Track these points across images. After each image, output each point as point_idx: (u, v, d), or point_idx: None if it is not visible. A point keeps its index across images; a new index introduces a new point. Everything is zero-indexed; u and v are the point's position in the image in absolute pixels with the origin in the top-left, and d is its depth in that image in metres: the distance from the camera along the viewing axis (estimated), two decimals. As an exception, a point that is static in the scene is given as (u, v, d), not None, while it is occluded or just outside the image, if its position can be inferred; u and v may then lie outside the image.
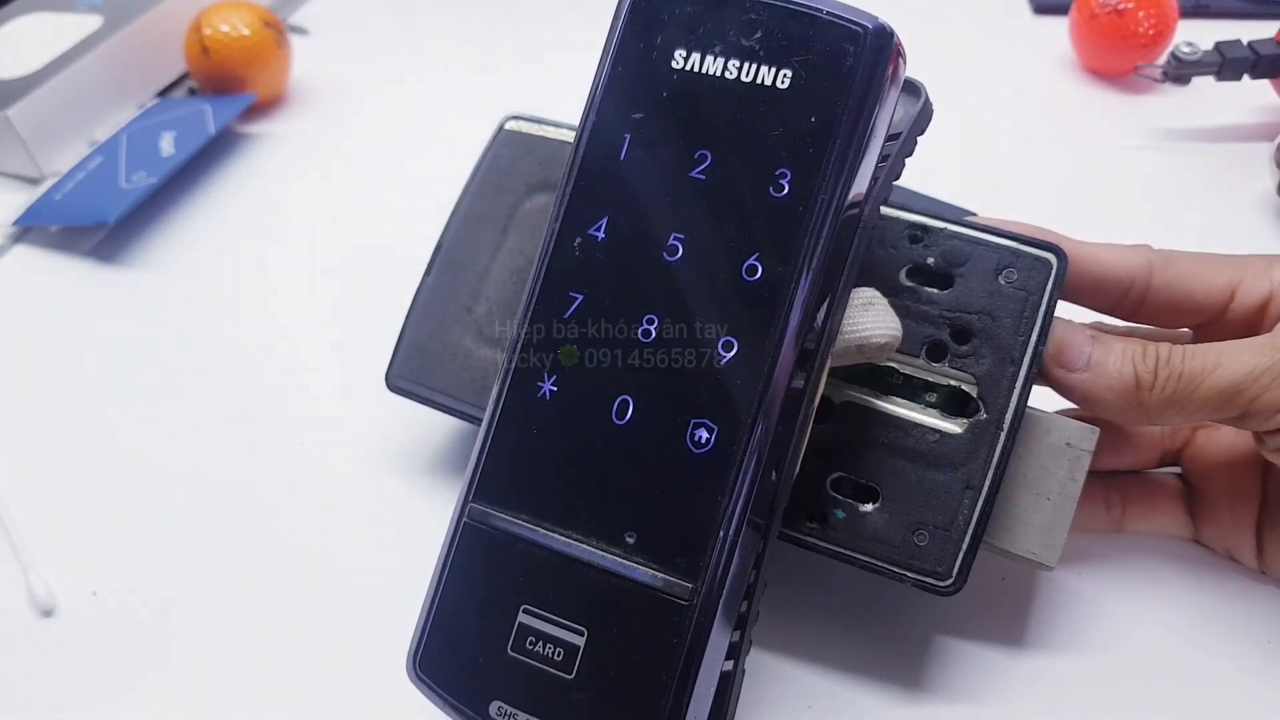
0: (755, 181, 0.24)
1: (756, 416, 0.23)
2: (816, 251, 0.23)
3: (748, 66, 0.24)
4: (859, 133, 0.23)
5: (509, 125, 0.34)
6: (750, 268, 0.23)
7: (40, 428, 0.38)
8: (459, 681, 0.24)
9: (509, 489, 0.25)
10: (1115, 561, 0.32)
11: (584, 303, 0.25)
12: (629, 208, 0.24)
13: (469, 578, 0.25)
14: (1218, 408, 0.26)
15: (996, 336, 0.28)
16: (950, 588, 0.27)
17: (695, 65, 0.24)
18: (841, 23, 0.23)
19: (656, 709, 0.23)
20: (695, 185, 0.24)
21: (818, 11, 0.23)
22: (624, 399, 0.24)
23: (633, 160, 0.25)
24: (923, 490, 0.27)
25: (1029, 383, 0.27)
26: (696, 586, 0.23)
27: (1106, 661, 0.30)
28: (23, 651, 0.31)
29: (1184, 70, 0.48)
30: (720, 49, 0.24)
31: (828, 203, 0.23)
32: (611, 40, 0.25)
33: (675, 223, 0.24)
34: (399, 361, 0.33)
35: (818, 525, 0.28)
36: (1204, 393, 0.26)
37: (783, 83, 0.23)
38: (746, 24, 0.24)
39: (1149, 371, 0.26)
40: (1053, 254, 0.28)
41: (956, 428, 0.28)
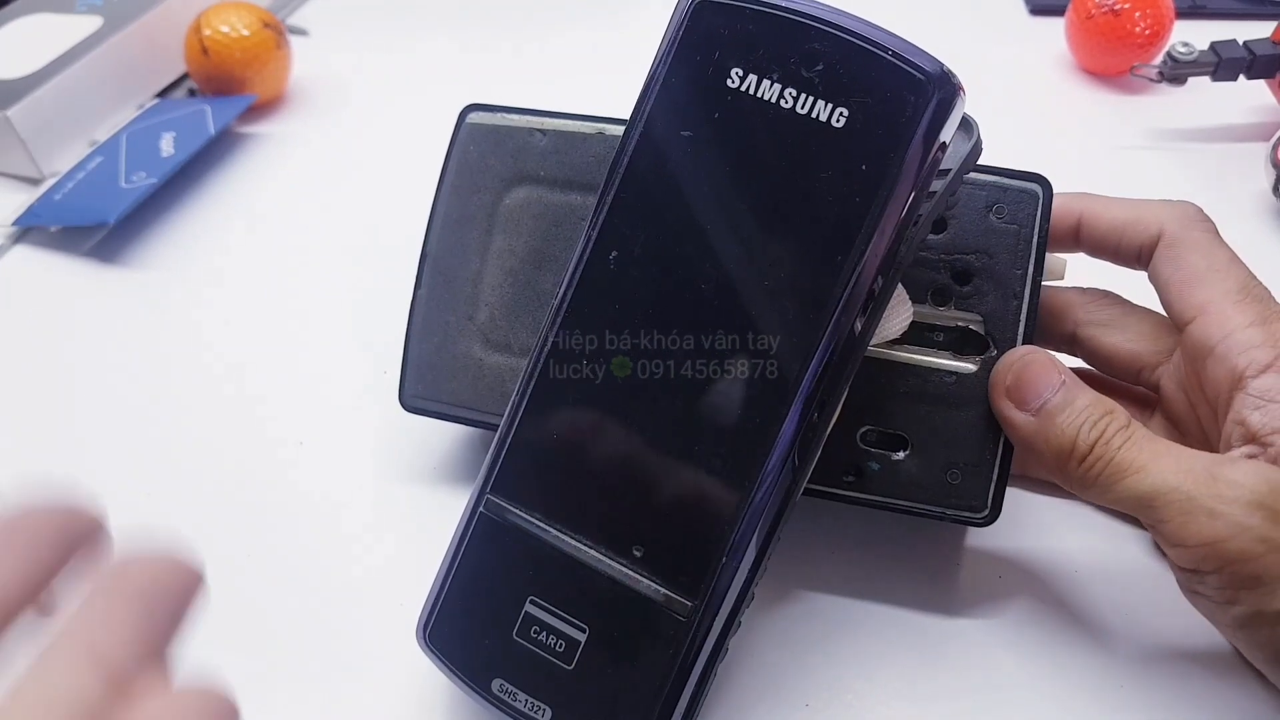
0: (798, 220, 0.23)
1: (772, 450, 0.23)
2: (850, 298, 0.23)
3: (804, 99, 0.23)
4: (908, 185, 0.22)
5: (471, 118, 0.33)
6: (783, 308, 0.23)
7: (40, 427, 0.38)
8: (466, 656, 0.26)
9: (525, 487, 0.26)
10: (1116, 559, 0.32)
11: (615, 317, 0.25)
12: (669, 227, 0.24)
13: (481, 564, 0.26)
14: (1133, 509, 0.26)
15: (996, 273, 0.29)
16: (986, 518, 0.28)
17: (751, 88, 0.23)
18: (905, 68, 0.22)
19: (647, 712, 0.24)
20: (737, 214, 0.23)
21: (883, 52, 0.22)
22: (646, 416, 0.24)
23: (677, 180, 0.24)
24: (948, 431, 0.29)
25: (1033, 314, 0.28)
26: (696, 605, 0.24)
27: (1108, 661, 0.30)
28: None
29: (1180, 70, 0.48)
30: (779, 75, 0.23)
31: (865, 249, 0.23)
32: (667, 47, 0.24)
33: (713, 249, 0.24)
34: (410, 380, 0.33)
35: (855, 479, 0.29)
36: (1119, 491, 0.25)
37: (839, 121, 0.23)
38: (809, 54, 0.23)
39: (1087, 445, 0.26)
40: (1037, 184, 0.29)
41: (971, 366, 0.29)
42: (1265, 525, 0.24)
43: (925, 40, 0.23)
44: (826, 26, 0.23)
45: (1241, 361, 0.26)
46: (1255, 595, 0.24)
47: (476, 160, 0.33)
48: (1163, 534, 0.25)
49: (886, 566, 0.32)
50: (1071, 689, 0.29)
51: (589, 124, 0.32)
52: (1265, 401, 0.26)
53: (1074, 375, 0.27)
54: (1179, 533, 0.24)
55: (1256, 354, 0.26)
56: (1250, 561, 0.24)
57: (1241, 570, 0.24)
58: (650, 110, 0.24)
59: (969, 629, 0.30)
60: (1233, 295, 0.27)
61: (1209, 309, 0.27)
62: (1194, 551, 0.24)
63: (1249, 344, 0.26)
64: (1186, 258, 0.28)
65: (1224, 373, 0.27)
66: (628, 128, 0.25)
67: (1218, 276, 0.28)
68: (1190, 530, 0.24)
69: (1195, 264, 0.28)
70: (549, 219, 0.32)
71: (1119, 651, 0.30)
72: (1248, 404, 0.26)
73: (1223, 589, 0.25)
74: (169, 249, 0.46)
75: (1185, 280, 0.28)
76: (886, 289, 0.24)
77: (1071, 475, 0.26)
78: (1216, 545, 0.24)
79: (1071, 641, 0.30)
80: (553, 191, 0.32)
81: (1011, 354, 0.28)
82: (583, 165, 0.32)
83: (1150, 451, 0.25)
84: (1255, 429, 0.26)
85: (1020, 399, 0.27)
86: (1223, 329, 0.27)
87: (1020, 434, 0.27)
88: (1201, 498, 0.24)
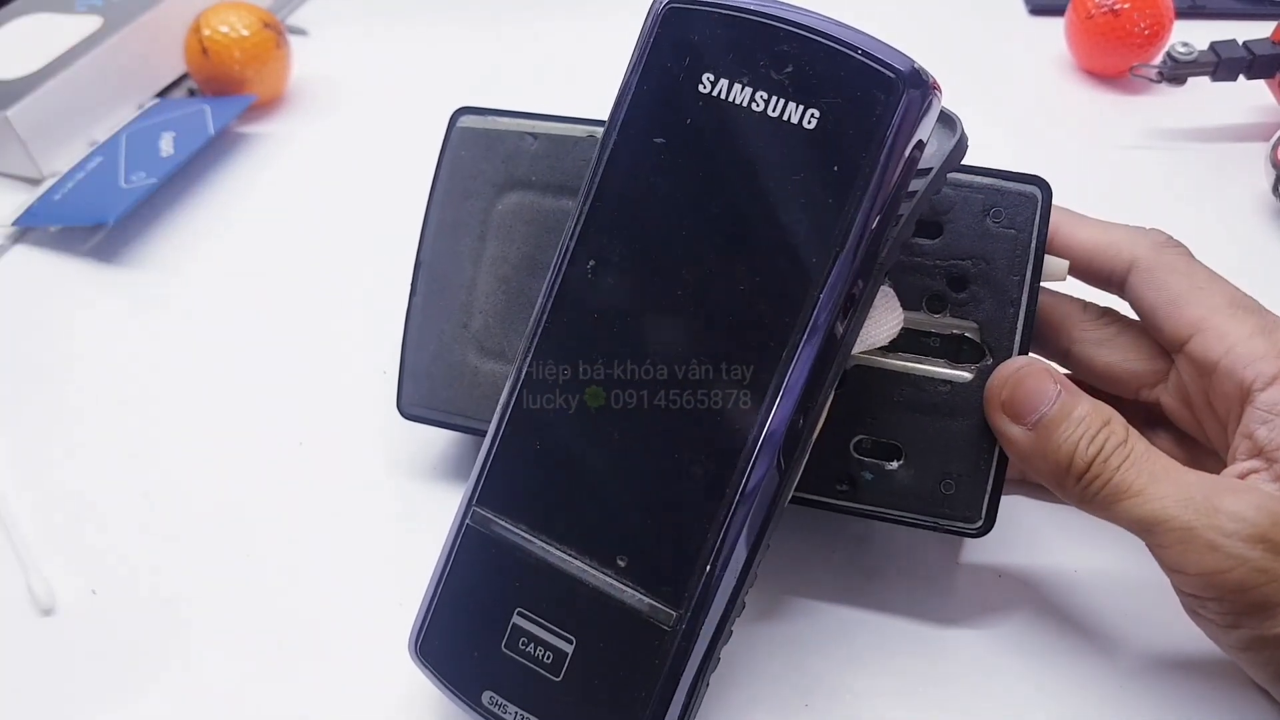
0: (774, 223, 0.23)
1: (754, 457, 0.23)
2: (826, 303, 0.22)
3: (775, 101, 0.23)
4: (883, 185, 0.22)
5: (462, 122, 0.33)
6: (761, 313, 0.23)
7: (40, 427, 0.38)
8: (456, 669, 0.26)
9: (510, 498, 0.26)
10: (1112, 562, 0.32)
11: (594, 328, 0.25)
12: (645, 235, 0.24)
13: (469, 576, 0.26)
14: (1131, 530, 0.26)
15: (992, 279, 0.28)
16: (980, 529, 0.28)
17: (723, 92, 0.23)
18: (874, 66, 0.22)
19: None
20: (713, 219, 0.23)
21: (852, 51, 0.22)
22: (626, 424, 0.24)
23: (651, 188, 0.24)
24: (943, 441, 0.28)
25: (1030, 322, 0.28)
26: (681, 614, 0.23)
27: (1107, 664, 0.30)
28: (23, 651, 0.31)
29: (1180, 70, 0.48)
30: (749, 79, 0.23)
31: (841, 251, 0.22)
32: (639, 54, 0.24)
33: (690, 255, 0.24)
34: (407, 389, 0.33)
35: (849, 488, 0.29)
36: (1117, 512, 0.25)
37: (810, 123, 0.22)
38: (778, 56, 0.23)
39: (1084, 462, 0.26)
40: (1036, 186, 0.28)
41: (966, 374, 0.28)
42: (1266, 558, 0.24)
43: (925, 41, 0.23)
44: (795, 28, 0.22)
45: (1249, 374, 0.26)
46: (1255, 620, 0.24)
47: (468, 165, 0.33)
48: (1162, 559, 0.25)
49: (885, 572, 0.32)
50: (1071, 693, 0.29)
51: (580, 127, 0.32)
52: (1273, 415, 0.26)
53: (1070, 383, 0.27)
54: (1178, 560, 0.24)
55: (1262, 366, 0.26)
56: (1250, 591, 0.24)
57: (1242, 599, 0.24)
58: (624, 119, 0.24)
59: (968, 631, 0.30)
60: (1224, 309, 0.27)
61: (1204, 326, 0.27)
62: (1194, 579, 0.24)
63: (1253, 356, 0.26)
64: (1166, 280, 0.28)
65: (1231, 387, 0.26)
66: (603, 137, 0.24)
67: (1203, 294, 0.27)
68: (1189, 559, 0.24)
69: (1177, 285, 0.28)
70: (541, 224, 0.32)
71: (1119, 655, 0.30)
72: (1255, 418, 0.26)
73: (1224, 614, 0.25)
74: (168, 249, 0.46)
75: (1171, 301, 0.28)
76: (868, 292, 0.24)
77: (1069, 492, 0.26)
78: (1216, 576, 0.24)
79: (1071, 645, 0.30)
80: (544, 197, 0.32)
81: (1006, 366, 0.28)
82: (574, 170, 0.32)
83: (1149, 473, 0.25)
84: (1262, 444, 0.26)
85: (1016, 413, 0.27)
86: (1223, 343, 0.27)
87: (1017, 449, 0.27)
88: (1201, 529, 0.24)
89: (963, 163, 0.29)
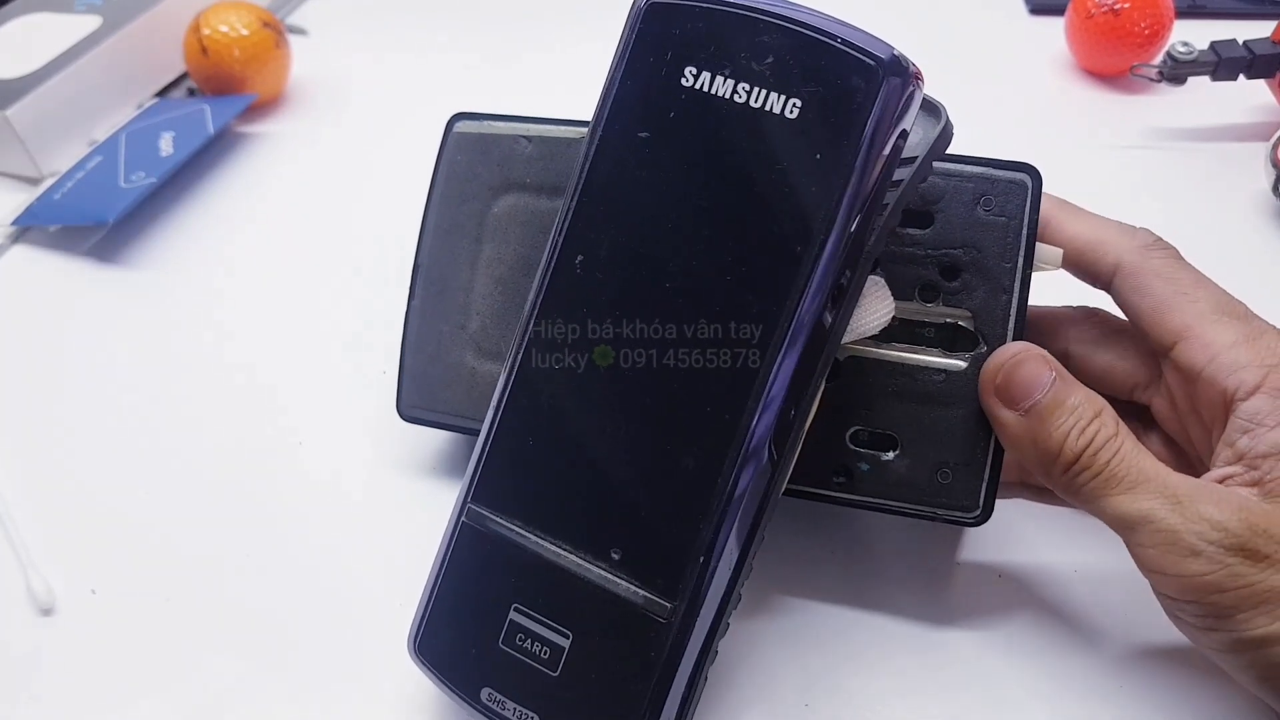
0: (759, 214, 0.23)
1: (746, 448, 0.23)
2: (813, 292, 0.23)
3: (757, 92, 0.23)
4: (866, 174, 0.22)
5: (458, 127, 0.33)
6: (747, 304, 0.23)
7: (40, 427, 0.38)
8: (454, 667, 0.26)
9: (505, 494, 0.26)
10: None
11: (582, 323, 0.25)
12: (631, 228, 0.24)
13: (465, 574, 0.26)
14: (1113, 526, 0.26)
15: (985, 267, 0.28)
16: (978, 518, 0.28)
17: (705, 85, 0.23)
18: (854, 55, 0.22)
19: (633, 717, 0.24)
20: (699, 211, 0.23)
21: (832, 40, 0.22)
22: (617, 420, 0.24)
23: (636, 182, 0.24)
24: (938, 430, 0.28)
25: (1023, 309, 0.28)
26: (676, 606, 0.23)
27: (1105, 662, 0.30)
28: (23, 651, 0.31)
29: (1180, 70, 0.48)
30: (731, 70, 0.23)
31: (826, 240, 0.22)
32: (622, 50, 0.24)
33: (676, 247, 0.24)
34: (406, 391, 0.33)
35: (845, 480, 0.29)
36: (1102, 506, 0.25)
37: (792, 113, 0.22)
38: (759, 47, 0.23)
39: (1074, 452, 0.26)
40: (1026, 174, 0.28)
41: (961, 363, 0.28)
42: (1243, 565, 0.24)
43: (926, 41, 0.23)
44: (774, 19, 0.23)
45: (1231, 383, 0.26)
46: (1232, 623, 0.24)
47: (464, 169, 0.33)
48: (1141, 559, 0.25)
49: (883, 568, 0.32)
50: (1069, 692, 0.29)
51: (573, 129, 0.32)
52: (1253, 425, 0.25)
53: (1066, 371, 0.27)
54: (1158, 561, 0.25)
55: (1244, 375, 0.26)
56: (1225, 593, 0.24)
57: (1220, 601, 0.24)
58: (608, 114, 0.24)
59: (968, 631, 0.31)
60: (1208, 316, 0.27)
61: (1188, 334, 0.27)
62: (1172, 581, 0.25)
63: (1235, 365, 0.26)
64: (1151, 285, 0.28)
65: (1214, 395, 0.26)
66: (588, 133, 0.25)
67: (1187, 300, 0.27)
68: (1169, 562, 0.24)
69: (1162, 290, 0.27)
70: (536, 226, 0.32)
71: (1117, 655, 0.30)
72: (1236, 427, 0.26)
73: (1202, 617, 0.25)
74: (168, 249, 0.46)
75: (1155, 308, 0.27)
76: (856, 280, 0.24)
77: (1056, 480, 0.26)
78: (1194, 580, 0.24)
79: (1070, 645, 0.30)
80: (539, 198, 0.32)
81: (1002, 352, 0.27)
82: (567, 171, 0.31)
83: (1137, 471, 0.25)
84: (1243, 452, 0.26)
85: (1010, 398, 0.27)
86: (1206, 352, 0.27)
87: (1010, 434, 0.27)
88: (1184, 534, 0.24)
89: (953, 152, 0.29)
